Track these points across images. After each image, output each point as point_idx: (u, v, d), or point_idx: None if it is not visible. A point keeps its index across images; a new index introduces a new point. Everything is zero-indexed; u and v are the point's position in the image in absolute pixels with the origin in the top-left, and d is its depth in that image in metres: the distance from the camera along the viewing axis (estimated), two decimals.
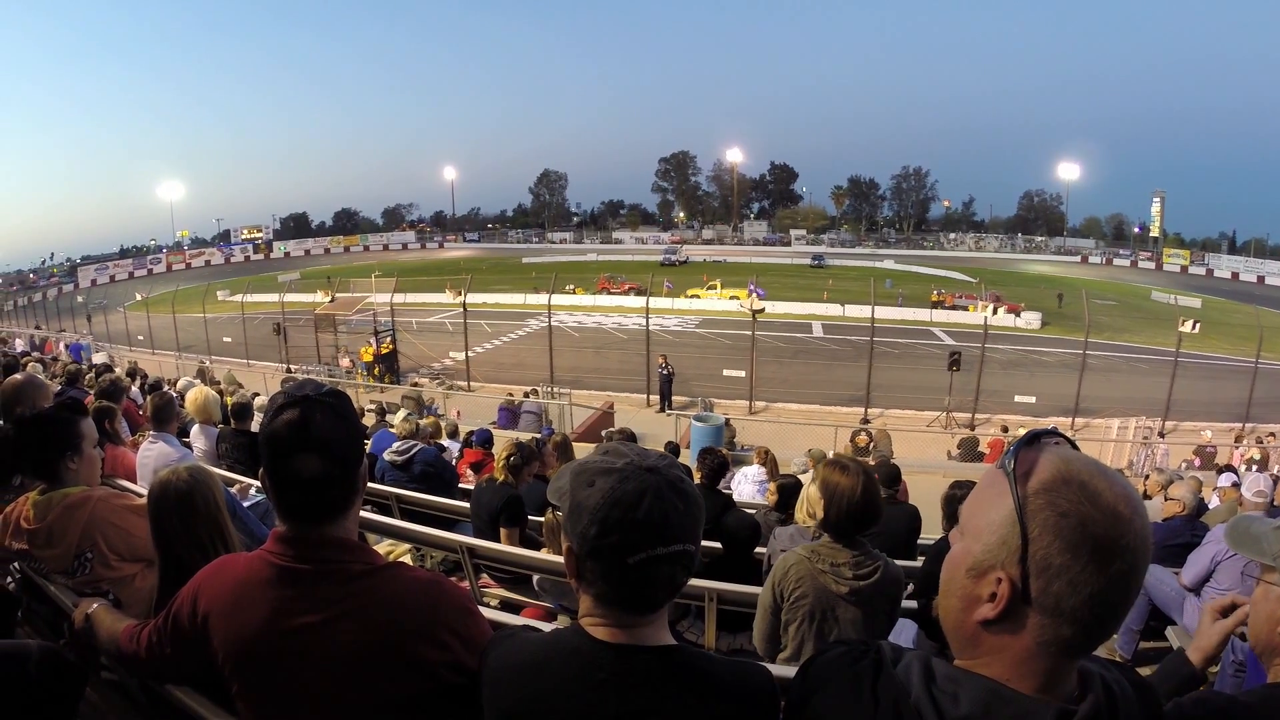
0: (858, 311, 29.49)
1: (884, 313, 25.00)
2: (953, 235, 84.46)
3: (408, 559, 4.23)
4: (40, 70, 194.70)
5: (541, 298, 26.53)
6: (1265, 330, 18.35)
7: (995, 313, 28.78)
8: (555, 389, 17.90)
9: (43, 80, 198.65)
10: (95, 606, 1.70)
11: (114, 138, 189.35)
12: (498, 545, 3.85)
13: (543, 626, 1.75)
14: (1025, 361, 24.66)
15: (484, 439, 6.67)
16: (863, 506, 2.38)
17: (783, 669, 1.55)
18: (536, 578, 3.69)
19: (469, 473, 6.30)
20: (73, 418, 2.26)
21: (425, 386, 19.10)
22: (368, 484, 1.43)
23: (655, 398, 18.62)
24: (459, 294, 24.27)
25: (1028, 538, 0.77)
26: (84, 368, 9.23)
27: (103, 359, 15.05)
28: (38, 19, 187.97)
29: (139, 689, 1.70)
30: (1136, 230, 78.02)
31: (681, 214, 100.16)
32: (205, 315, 27.35)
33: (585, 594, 1.06)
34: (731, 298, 34.80)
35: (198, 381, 10.76)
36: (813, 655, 1.02)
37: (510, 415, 15.54)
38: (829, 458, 2.71)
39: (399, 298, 24.99)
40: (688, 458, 9.97)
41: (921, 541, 4.66)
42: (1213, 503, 6.79)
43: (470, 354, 22.31)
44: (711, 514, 3.81)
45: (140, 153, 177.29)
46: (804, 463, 8.34)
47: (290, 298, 27.87)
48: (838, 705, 0.90)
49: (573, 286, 39.03)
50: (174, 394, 6.14)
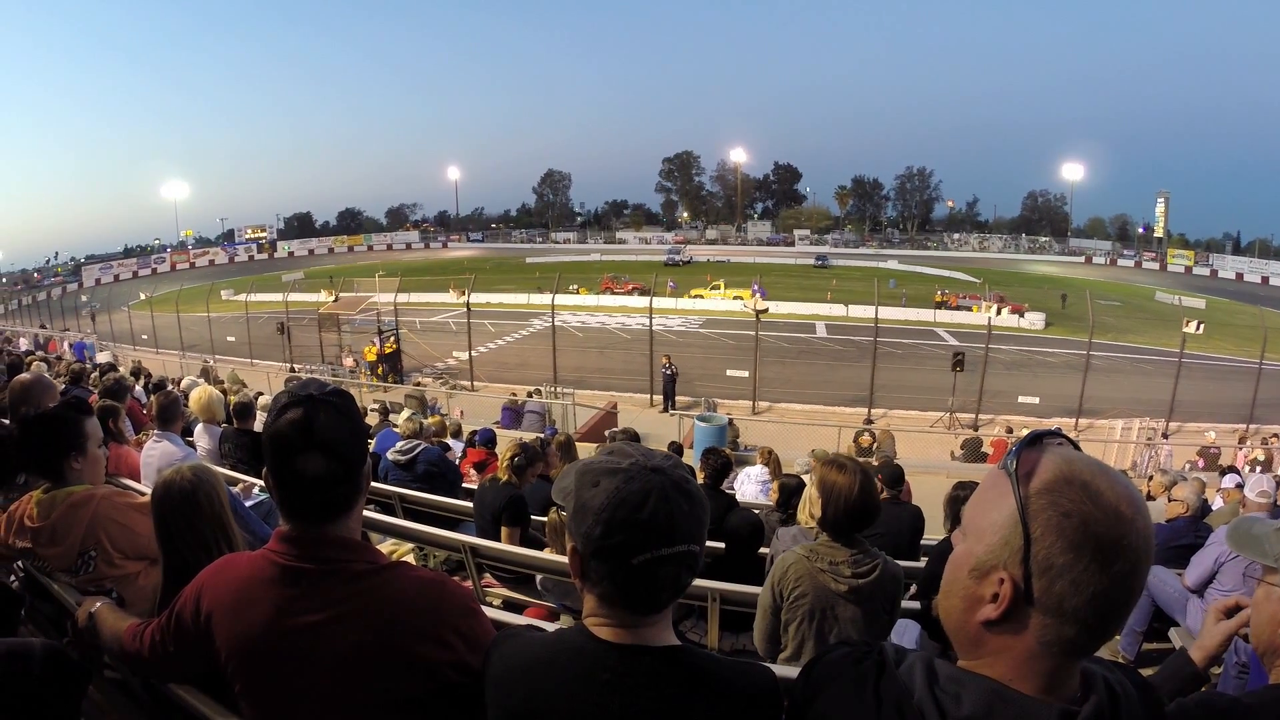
0: (861, 312, 29.47)
1: (888, 313, 25.02)
2: (956, 236, 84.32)
3: (411, 558, 4.23)
4: (45, 70, 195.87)
5: (545, 298, 26.57)
6: (1270, 331, 18.25)
7: (999, 313, 28.73)
8: (558, 389, 17.92)
9: (47, 80, 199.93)
10: (98, 605, 1.70)
11: (119, 137, 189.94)
12: (501, 545, 3.85)
13: (546, 626, 1.76)
14: (1029, 362, 24.62)
15: (487, 439, 6.68)
16: (860, 505, 2.39)
17: (785, 669, 1.54)
18: (539, 577, 3.69)
19: (472, 472, 6.31)
20: (77, 417, 2.25)
21: (428, 386, 19.12)
22: (371, 483, 1.43)
23: (658, 398, 18.61)
24: (462, 294, 24.33)
25: (1030, 538, 0.77)
26: (88, 367, 9.26)
27: (106, 358, 15.11)
28: (43, 19, 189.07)
29: (142, 688, 1.70)
30: (1141, 231, 77.80)
31: (685, 214, 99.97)
32: (209, 315, 27.42)
33: (589, 594, 1.06)
34: (735, 298, 34.73)
35: (202, 381, 10.80)
36: (816, 656, 1.02)
37: (513, 415, 15.56)
38: (828, 457, 2.71)
39: (402, 297, 24.99)
40: (691, 458, 9.96)
41: (925, 542, 4.65)
42: (1216, 504, 6.77)
43: (474, 354, 22.33)
44: (715, 514, 3.79)
45: (145, 152, 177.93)
46: (807, 463, 8.32)
47: (294, 297, 27.91)
48: (841, 706, 0.90)
49: (576, 286, 39.03)
50: (179, 393, 6.15)
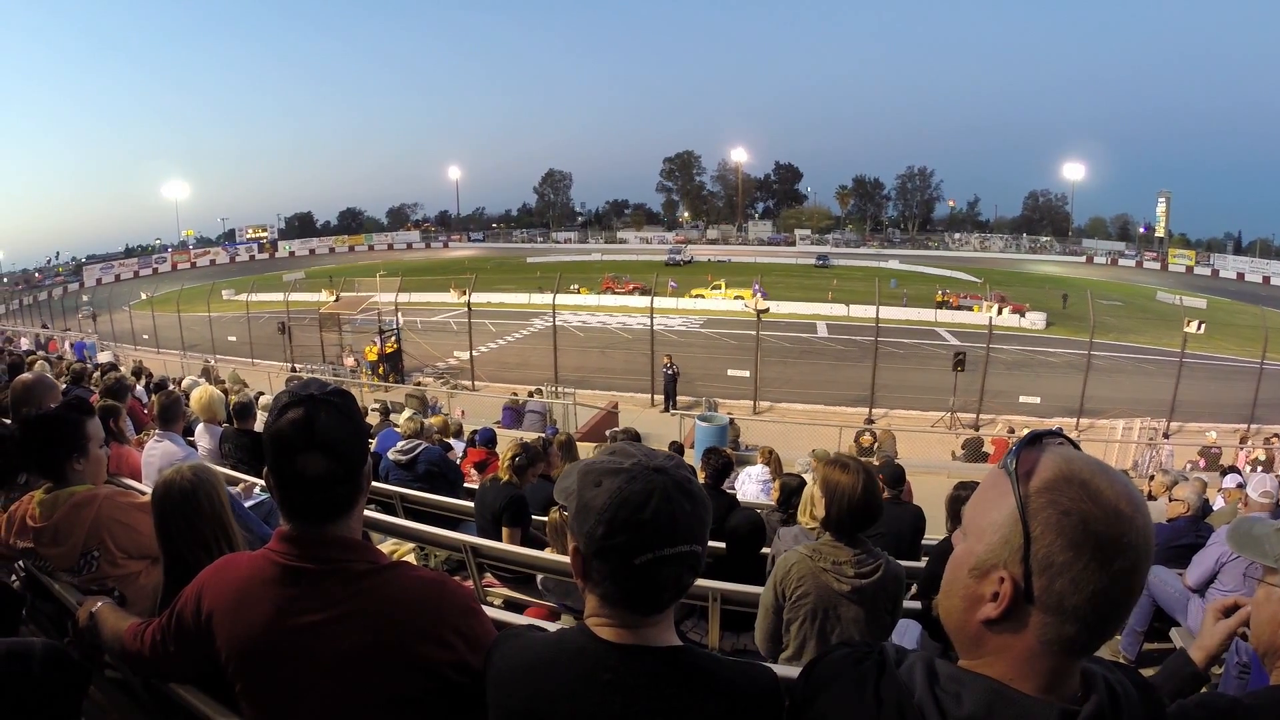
0: (862, 311, 29.45)
1: (889, 313, 25.00)
2: (957, 235, 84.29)
3: (411, 558, 4.23)
4: (45, 70, 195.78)
5: (546, 297, 26.57)
6: (1271, 331, 18.24)
7: (1000, 313, 28.76)
8: (559, 388, 17.92)
9: (48, 80, 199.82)
10: (99, 605, 1.70)
11: (119, 137, 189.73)
12: (502, 545, 3.85)
13: (547, 626, 1.76)
14: (1030, 362, 24.60)
15: (488, 438, 6.69)
16: (863, 505, 2.38)
17: (786, 669, 1.54)
18: (540, 577, 3.69)
19: (473, 472, 6.31)
20: (79, 418, 2.24)
21: (429, 386, 19.13)
22: (372, 483, 1.43)
23: (659, 397, 18.60)
24: (463, 293, 24.33)
25: (1030, 536, 0.77)
26: (89, 367, 9.27)
27: (107, 358, 15.12)
28: (43, 19, 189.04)
29: (143, 687, 1.70)
30: (1142, 230, 77.77)
31: (686, 214, 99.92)
32: (210, 314, 27.48)
33: (591, 594, 1.06)
34: (736, 298, 34.68)
35: (203, 380, 10.81)
36: (816, 656, 1.02)
37: (514, 415, 15.57)
38: (830, 456, 2.71)
39: (403, 297, 24.99)
40: (692, 457, 9.95)
41: (926, 542, 4.65)
42: (1217, 504, 6.77)
43: (474, 353, 22.35)
44: (716, 514, 3.80)
45: (145, 152, 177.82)
46: (808, 463, 8.32)
47: (295, 297, 27.92)
48: (841, 706, 0.90)
49: (577, 286, 39.00)
50: (180, 393, 6.15)
